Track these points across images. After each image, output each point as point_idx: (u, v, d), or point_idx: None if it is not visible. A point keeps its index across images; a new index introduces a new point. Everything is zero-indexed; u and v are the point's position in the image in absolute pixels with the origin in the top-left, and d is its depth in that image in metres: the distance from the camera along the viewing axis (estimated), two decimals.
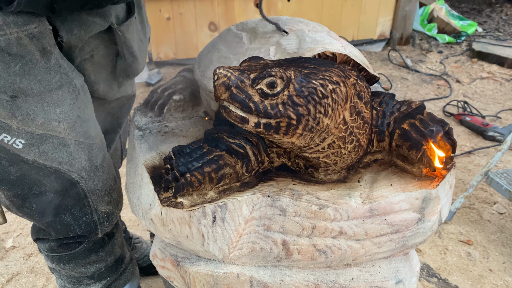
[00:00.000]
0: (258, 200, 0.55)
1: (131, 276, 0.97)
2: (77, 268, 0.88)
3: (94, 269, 0.89)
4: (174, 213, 0.55)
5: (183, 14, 2.93)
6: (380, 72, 3.06)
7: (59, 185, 0.74)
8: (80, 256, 0.86)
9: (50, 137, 0.70)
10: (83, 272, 0.88)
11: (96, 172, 0.77)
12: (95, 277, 0.90)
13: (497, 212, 1.63)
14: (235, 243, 0.56)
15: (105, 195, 0.79)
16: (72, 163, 0.73)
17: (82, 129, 0.74)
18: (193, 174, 0.54)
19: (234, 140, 0.57)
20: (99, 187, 0.78)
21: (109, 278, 0.92)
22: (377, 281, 0.61)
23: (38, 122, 0.68)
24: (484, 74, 3.08)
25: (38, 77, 0.67)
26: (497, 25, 4.29)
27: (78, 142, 0.74)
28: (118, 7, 0.77)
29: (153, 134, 0.74)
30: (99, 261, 0.88)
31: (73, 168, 0.74)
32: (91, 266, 0.88)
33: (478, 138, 2.20)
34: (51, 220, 0.78)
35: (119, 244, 0.92)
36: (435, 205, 0.58)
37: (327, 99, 0.50)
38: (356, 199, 0.55)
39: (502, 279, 1.31)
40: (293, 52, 0.64)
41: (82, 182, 0.75)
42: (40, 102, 0.68)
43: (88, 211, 0.78)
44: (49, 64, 0.67)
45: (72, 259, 0.86)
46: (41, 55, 0.66)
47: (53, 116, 0.69)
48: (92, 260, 0.87)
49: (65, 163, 0.73)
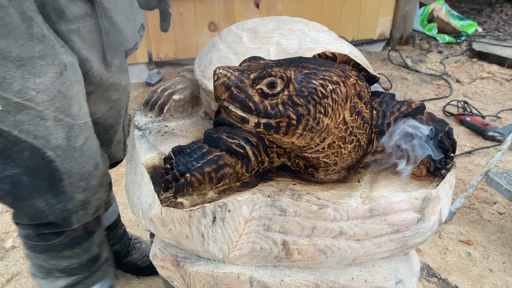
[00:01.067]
0: (258, 200, 0.55)
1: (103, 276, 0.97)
2: (50, 260, 0.86)
3: (67, 264, 0.88)
4: (174, 213, 0.55)
5: (183, 14, 2.93)
6: (380, 72, 3.06)
7: (33, 163, 0.72)
8: (55, 249, 0.84)
9: (27, 107, 0.68)
10: (55, 265, 0.87)
11: (73, 153, 0.74)
12: (66, 272, 0.89)
13: (497, 212, 1.63)
14: (235, 243, 0.56)
15: (81, 179, 0.77)
16: (48, 138, 0.71)
17: (62, 105, 0.71)
18: (193, 174, 0.54)
19: (234, 140, 0.57)
20: (75, 170, 0.75)
21: (80, 275, 0.90)
22: (377, 281, 0.61)
23: (15, 88, 0.67)
24: (484, 74, 3.08)
25: (19, 42, 0.65)
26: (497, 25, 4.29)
27: (58, 118, 0.72)
28: None
29: (153, 134, 0.74)
30: (73, 257, 0.87)
31: (48, 144, 0.71)
32: (64, 260, 0.87)
33: (478, 138, 2.20)
34: (23, 204, 0.76)
35: (97, 243, 0.91)
36: (435, 205, 0.58)
37: (327, 99, 0.50)
38: (356, 199, 0.55)
39: (502, 279, 1.31)
40: (293, 52, 0.64)
41: (57, 160, 0.73)
42: (19, 68, 0.66)
43: (62, 198, 0.76)
44: (31, 31, 0.66)
45: (47, 250, 0.84)
46: (21, 19, 0.65)
47: (32, 85, 0.68)
48: (66, 255, 0.86)
49: (41, 137, 0.71)
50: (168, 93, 0.83)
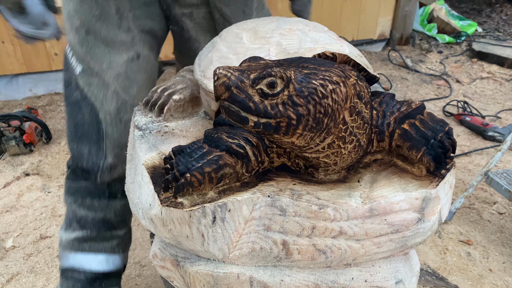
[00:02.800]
0: (258, 200, 0.55)
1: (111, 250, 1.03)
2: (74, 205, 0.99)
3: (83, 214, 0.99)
4: (174, 213, 0.55)
5: None
6: (380, 72, 3.06)
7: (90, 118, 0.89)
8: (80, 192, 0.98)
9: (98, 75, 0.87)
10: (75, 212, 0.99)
11: (118, 123, 0.90)
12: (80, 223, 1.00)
13: (497, 212, 1.63)
14: (235, 243, 0.56)
15: (117, 146, 0.91)
16: (103, 103, 0.88)
17: (124, 83, 0.88)
18: (193, 174, 0.54)
19: (234, 140, 0.57)
20: (115, 136, 0.90)
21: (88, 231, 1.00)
22: (377, 281, 0.61)
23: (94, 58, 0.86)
24: (484, 74, 3.08)
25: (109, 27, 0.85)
26: (497, 25, 4.29)
27: (116, 91, 0.88)
28: None
29: (153, 134, 0.74)
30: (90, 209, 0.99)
31: (102, 108, 0.88)
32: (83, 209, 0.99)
33: (478, 138, 2.20)
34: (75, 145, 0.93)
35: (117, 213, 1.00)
36: (435, 205, 0.58)
37: (327, 99, 0.50)
38: (356, 199, 0.55)
39: (502, 279, 1.31)
40: (293, 52, 0.64)
41: (104, 123, 0.89)
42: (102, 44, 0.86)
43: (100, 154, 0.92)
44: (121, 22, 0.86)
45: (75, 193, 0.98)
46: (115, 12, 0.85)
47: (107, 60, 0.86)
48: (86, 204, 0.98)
49: (99, 101, 0.88)
50: (168, 93, 0.83)
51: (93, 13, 0.83)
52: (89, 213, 0.99)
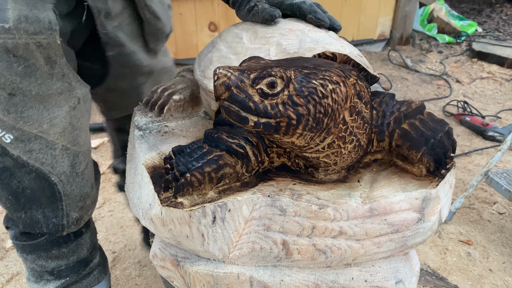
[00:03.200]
0: (258, 200, 0.55)
1: (95, 282, 0.97)
2: (38, 261, 0.89)
3: (54, 265, 0.90)
4: (174, 213, 0.55)
5: (183, 14, 2.93)
6: (380, 72, 3.06)
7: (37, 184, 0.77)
8: (41, 247, 0.87)
9: (39, 138, 0.73)
10: (44, 266, 0.90)
11: (75, 178, 0.80)
12: (54, 274, 0.91)
13: (497, 212, 1.63)
14: (235, 243, 0.56)
15: (79, 201, 0.82)
16: (54, 165, 0.76)
17: (72, 136, 0.77)
18: (193, 174, 0.54)
19: (234, 140, 0.57)
20: (75, 193, 0.80)
21: (68, 278, 0.92)
22: (377, 281, 0.61)
23: (30, 121, 0.71)
24: (484, 74, 3.08)
25: (39, 81, 0.70)
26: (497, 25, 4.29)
27: (65, 147, 0.77)
28: None
29: (153, 134, 0.74)
30: (61, 258, 0.89)
31: (54, 171, 0.76)
32: (52, 261, 0.89)
33: (478, 138, 2.20)
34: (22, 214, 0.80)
35: (87, 246, 0.92)
36: (435, 205, 0.58)
37: (327, 99, 0.50)
38: (356, 199, 0.55)
39: (502, 279, 1.31)
40: (293, 52, 0.64)
41: (60, 185, 0.78)
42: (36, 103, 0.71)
43: (59, 214, 0.81)
44: (53, 71, 0.71)
45: (34, 250, 0.87)
46: (45, 62, 0.69)
47: (46, 119, 0.72)
48: (53, 255, 0.88)
49: (48, 164, 0.75)
50: (168, 93, 0.83)
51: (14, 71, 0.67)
52: (61, 261, 0.90)
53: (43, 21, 0.66)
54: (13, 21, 0.64)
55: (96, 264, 0.96)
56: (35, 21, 0.66)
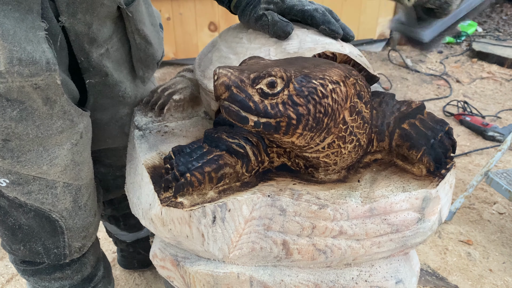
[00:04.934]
0: (258, 200, 0.55)
1: None
2: (41, 282, 0.84)
3: (58, 285, 0.85)
4: (174, 213, 0.55)
5: (183, 14, 2.93)
6: (380, 72, 3.06)
7: (37, 222, 0.72)
8: (44, 271, 0.82)
9: (38, 179, 0.67)
10: (47, 286, 0.85)
11: (78, 211, 0.74)
12: None
13: (497, 212, 1.63)
14: (235, 243, 0.56)
15: (82, 231, 0.77)
16: (55, 204, 0.70)
17: (73, 172, 0.71)
18: (193, 174, 0.54)
19: (234, 140, 0.57)
20: (78, 225, 0.75)
21: None
22: (377, 281, 0.61)
23: (28, 165, 0.65)
24: (484, 74, 3.08)
25: (37, 123, 0.62)
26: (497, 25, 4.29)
27: (67, 184, 0.71)
28: None
29: (153, 134, 0.74)
30: (65, 279, 0.85)
31: (55, 209, 0.71)
32: (55, 282, 0.85)
33: (478, 138, 2.20)
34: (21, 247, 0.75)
35: (91, 263, 0.89)
36: (435, 205, 0.58)
37: (327, 99, 0.50)
38: (356, 199, 0.55)
39: (502, 279, 1.31)
40: (293, 52, 0.64)
41: (62, 221, 0.73)
42: (34, 146, 0.64)
43: (61, 245, 0.76)
44: (52, 111, 0.63)
45: (36, 274, 0.82)
46: (43, 103, 0.61)
47: (46, 161, 0.66)
48: (57, 277, 0.84)
49: (48, 203, 0.70)
50: (168, 93, 0.83)
51: (8, 116, 0.59)
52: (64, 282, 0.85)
53: (40, 62, 0.58)
54: (4, 65, 0.55)
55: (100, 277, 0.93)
56: (31, 63, 0.57)
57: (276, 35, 0.66)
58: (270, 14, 0.66)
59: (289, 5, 0.68)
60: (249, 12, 0.70)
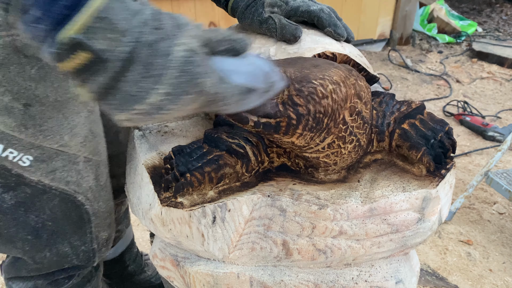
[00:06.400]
0: (258, 200, 0.55)
1: None
2: None
3: None
4: (174, 213, 0.55)
5: (183, 14, 2.93)
6: (380, 72, 3.06)
7: (62, 211, 0.67)
8: None
9: (61, 153, 0.63)
10: None
11: (101, 191, 0.71)
12: None
13: (497, 212, 1.63)
14: (235, 243, 0.56)
15: (107, 217, 0.74)
16: (80, 182, 0.67)
17: (92, 144, 0.68)
18: (193, 174, 0.54)
19: (234, 140, 0.57)
20: (102, 209, 0.72)
21: None
22: (377, 281, 0.61)
23: (51, 134, 0.61)
24: (484, 74, 3.08)
25: (55, 84, 0.59)
26: (497, 25, 4.29)
27: (88, 159, 0.67)
28: None
29: (153, 134, 0.74)
30: None
31: (80, 189, 0.67)
32: None
33: (478, 138, 2.20)
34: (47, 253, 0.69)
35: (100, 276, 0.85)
36: (435, 205, 0.58)
37: (327, 99, 0.50)
38: (356, 199, 0.55)
39: (502, 279, 1.31)
40: (293, 52, 0.64)
41: (87, 204, 0.69)
42: (55, 112, 0.61)
43: (88, 239, 0.72)
44: None
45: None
46: None
47: (67, 130, 0.63)
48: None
49: (73, 182, 0.66)
50: None
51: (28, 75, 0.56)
52: None
53: None
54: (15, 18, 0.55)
55: None
56: None
57: (285, 39, 0.64)
58: (277, 17, 0.65)
59: (293, 7, 0.67)
60: (251, 15, 0.68)
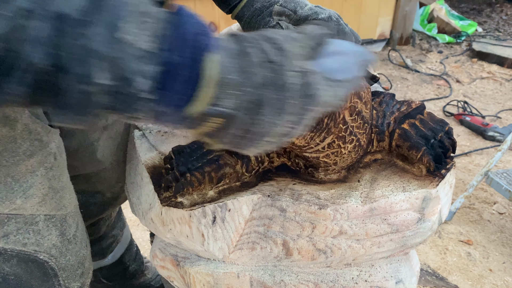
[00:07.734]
0: (258, 200, 0.55)
1: None
2: None
3: None
4: (174, 213, 0.55)
5: None
6: (380, 72, 3.06)
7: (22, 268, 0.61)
8: None
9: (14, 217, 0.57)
10: None
11: (68, 245, 0.65)
12: None
13: (497, 212, 1.63)
14: (235, 243, 0.56)
15: (78, 268, 0.68)
16: (40, 242, 0.60)
17: (54, 201, 0.61)
18: (193, 174, 0.54)
19: None
20: (71, 262, 0.66)
21: None
22: (377, 281, 0.61)
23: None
24: (484, 74, 3.08)
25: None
26: (497, 25, 4.29)
27: (49, 216, 0.61)
28: None
29: (153, 134, 0.74)
30: None
31: (41, 248, 0.61)
32: None
33: (478, 138, 2.20)
34: None
35: None
36: (435, 205, 0.58)
37: None
38: (356, 198, 0.55)
39: (502, 279, 1.31)
40: None
41: (52, 261, 0.63)
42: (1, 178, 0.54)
43: None
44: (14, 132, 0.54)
45: None
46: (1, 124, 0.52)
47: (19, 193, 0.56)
48: None
49: (31, 244, 0.59)
50: None
51: None
52: None
53: None
54: None
55: None
56: None
57: None
58: (284, 24, 0.64)
59: (302, 17, 0.65)
60: (257, 23, 0.66)
